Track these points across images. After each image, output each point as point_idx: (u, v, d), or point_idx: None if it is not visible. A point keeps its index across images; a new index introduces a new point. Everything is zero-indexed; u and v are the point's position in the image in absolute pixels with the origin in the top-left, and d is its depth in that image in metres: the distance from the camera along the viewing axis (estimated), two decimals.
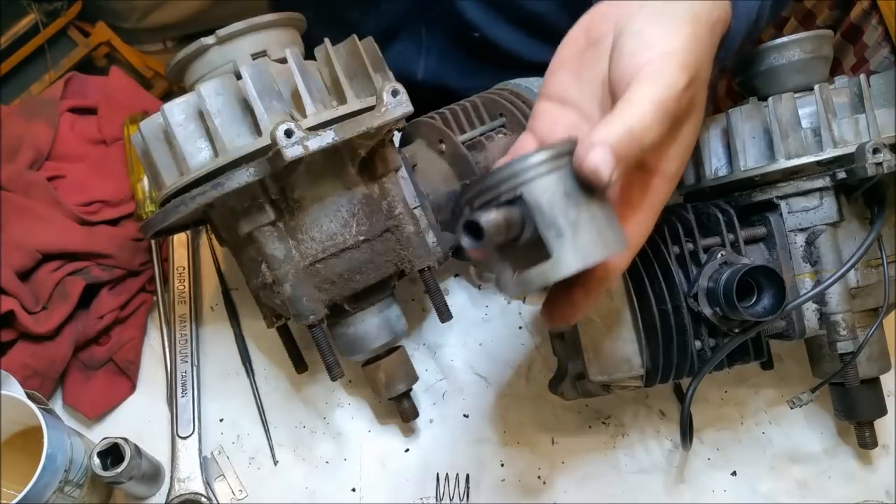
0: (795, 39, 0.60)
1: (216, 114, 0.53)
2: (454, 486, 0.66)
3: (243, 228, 0.55)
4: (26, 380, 0.63)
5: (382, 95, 0.54)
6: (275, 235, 0.55)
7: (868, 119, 0.56)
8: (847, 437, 0.69)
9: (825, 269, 0.58)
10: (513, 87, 0.69)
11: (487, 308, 0.74)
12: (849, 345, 0.58)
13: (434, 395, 0.70)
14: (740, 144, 0.59)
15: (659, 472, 0.68)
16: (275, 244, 0.55)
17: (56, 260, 0.68)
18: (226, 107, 0.54)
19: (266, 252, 0.55)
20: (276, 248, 0.55)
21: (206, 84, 0.53)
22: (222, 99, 0.54)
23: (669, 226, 0.59)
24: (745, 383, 0.71)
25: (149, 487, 0.64)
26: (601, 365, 0.56)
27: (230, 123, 0.53)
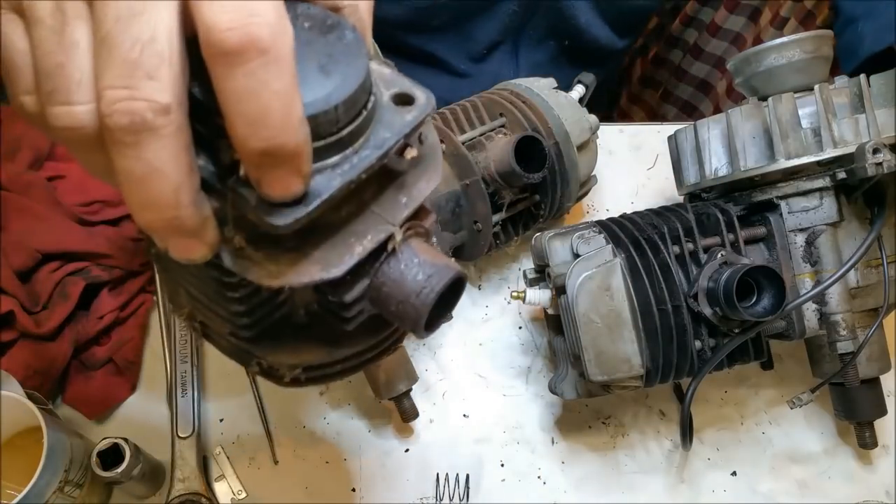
0: (795, 39, 0.60)
1: None
2: (454, 486, 0.66)
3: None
4: (26, 380, 0.63)
5: None
6: None
7: (868, 119, 0.56)
8: (847, 437, 0.69)
9: (825, 269, 0.58)
10: (513, 87, 0.69)
11: (487, 308, 0.74)
12: (849, 345, 0.58)
13: (434, 395, 0.70)
14: (740, 144, 0.59)
15: (659, 472, 0.68)
16: None
17: (56, 260, 0.68)
18: None
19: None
20: None
21: None
22: None
23: (669, 226, 0.59)
24: (745, 383, 0.71)
25: (149, 487, 0.64)
26: (601, 365, 0.56)
27: None
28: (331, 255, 0.26)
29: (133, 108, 0.22)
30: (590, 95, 0.73)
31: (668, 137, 0.67)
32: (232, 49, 0.22)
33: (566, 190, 0.67)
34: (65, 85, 0.23)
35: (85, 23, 0.23)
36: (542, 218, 0.69)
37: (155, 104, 0.22)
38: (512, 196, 0.64)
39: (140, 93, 0.22)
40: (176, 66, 0.22)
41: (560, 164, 0.65)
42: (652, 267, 0.58)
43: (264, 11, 0.22)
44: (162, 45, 0.22)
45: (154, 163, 0.22)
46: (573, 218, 0.78)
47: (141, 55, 0.22)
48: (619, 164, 0.82)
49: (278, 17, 0.22)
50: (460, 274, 0.29)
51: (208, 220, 0.25)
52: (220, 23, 0.21)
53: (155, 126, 0.22)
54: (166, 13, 0.22)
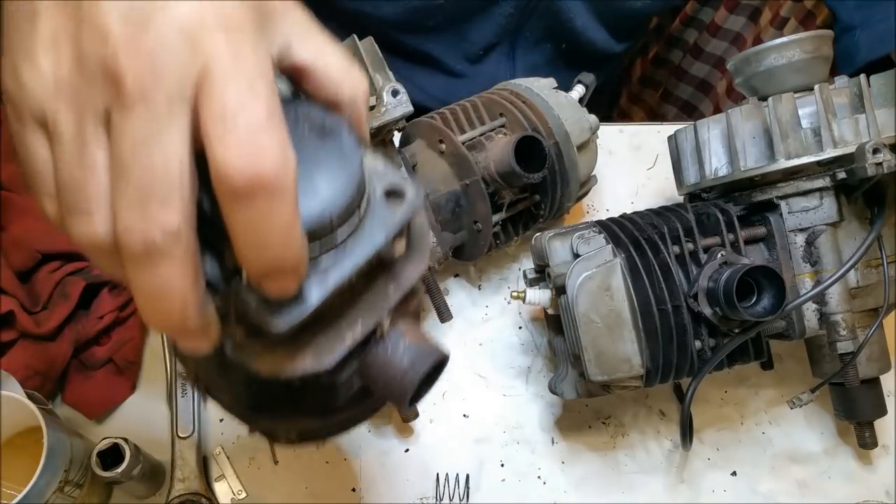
0: (795, 39, 0.60)
1: None
2: (454, 486, 0.66)
3: None
4: (26, 380, 0.63)
5: (382, 95, 0.54)
6: None
7: (868, 119, 0.56)
8: (847, 437, 0.69)
9: (825, 269, 0.58)
10: (513, 87, 0.69)
11: (487, 308, 0.74)
12: (849, 345, 0.58)
13: (434, 395, 0.70)
14: (740, 144, 0.59)
15: (659, 472, 0.68)
16: None
17: (56, 260, 0.68)
18: None
19: None
20: None
21: None
22: None
23: (669, 226, 0.59)
24: (745, 383, 0.71)
25: (149, 487, 0.64)
26: (601, 365, 0.56)
27: None
28: (323, 346, 0.28)
29: (146, 233, 0.24)
30: (590, 96, 0.73)
31: (668, 137, 0.67)
32: (241, 189, 0.23)
33: (566, 190, 0.67)
34: (83, 201, 0.25)
35: (103, 144, 0.25)
36: (542, 218, 0.69)
37: (166, 229, 0.24)
38: (512, 196, 0.64)
39: (153, 219, 0.24)
40: (186, 189, 0.24)
41: (560, 164, 0.65)
42: (652, 267, 0.58)
43: (270, 150, 0.24)
44: (173, 173, 0.24)
45: (164, 279, 0.24)
46: (573, 218, 0.78)
47: (154, 185, 0.24)
48: (619, 164, 0.82)
49: (283, 156, 0.24)
50: (443, 356, 0.32)
51: (211, 322, 0.27)
52: (231, 164, 0.23)
53: (165, 249, 0.24)
54: (178, 140, 0.24)
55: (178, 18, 0.24)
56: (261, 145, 0.24)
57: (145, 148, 0.24)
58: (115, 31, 0.24)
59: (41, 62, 0.25)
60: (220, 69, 0.24)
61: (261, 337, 0.28)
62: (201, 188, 0.25)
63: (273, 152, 0.24)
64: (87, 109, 0.25)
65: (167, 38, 0.24)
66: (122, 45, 0.24)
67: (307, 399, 0.33)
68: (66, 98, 0.25)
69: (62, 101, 0.25)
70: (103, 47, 0.24)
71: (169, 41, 0.24)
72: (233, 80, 0.24)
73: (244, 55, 0.25)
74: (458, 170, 0.64)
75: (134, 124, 0.24)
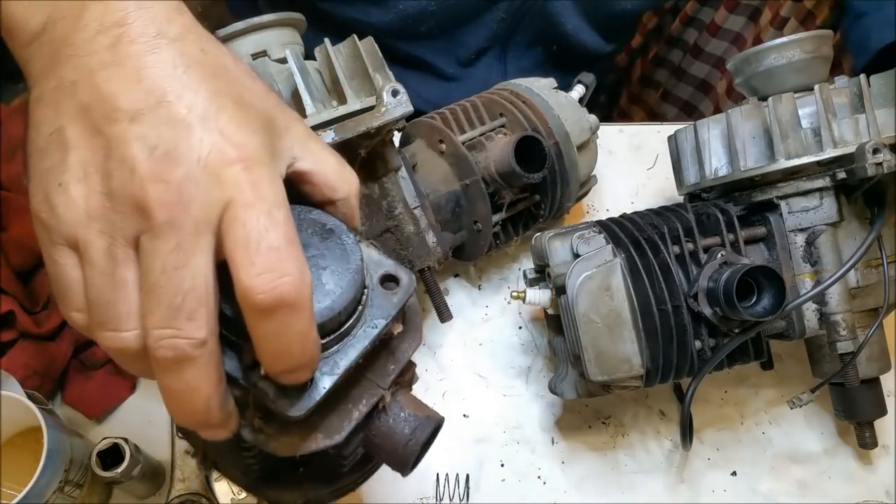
0: (795, 39, 0.60)
1: None
2: (454, 486, 0.66)
3: None
4: (26, 380, 0.63)
5: (382, 95, 0.54)
6: None
7: (868, 119, 0.56)
8: (847, 437, 0.69)
9: (825, 269, 0.58)
10: (513, 87, 0.69)
11: (487, 308, 0.74)
12: (849, 345, 0.58)
13: (434, 395, 0.70)
14: (740, 144, 0.59)
15: (659, 472, 0.68)
16: None
17: None
18: None
19: None
20: None
21: None
22: None
23: (669, 226, 0.59)
24: (745, 383, 0.71)
25: (149, 487, 0.64)
26: (601, 365, 0.56)
27: None
28: (332, 424, 0.31)
29: (176, 344, 0.27)
30: (590, 96, 0.73)
31: (668, 137, 0.67)
32: (266, 308, 0.26)
33: (566, 190, 0.67)
34: (115, 317, 0.28)
35: (133, 265, 0.28)
36: (542, 218, 0.69)
37: (194, 341, 0.27)
38: (512, 196, 0.64)
39: (182, 332, 0.27)
40: (211, 304, 0.27)
41: (560, 164, 0.65)
42: (652, 267, 0.58)
43: (290, 272, 0.27)
44: (200, 290, 0.27)
45: (190, 383, 0.27)
46: (573, 218, 0.78)
47: (183, 302, 0.26)
48: (619, 164, 0.82)
49: (301, 274, 0.27)
50: (439, 422, 0.35)
51: (232, 414, 0.30)
52: (255, 287, 0.26)
53: (193, 356, 0.27)
54: (203, 262, 0.27)
55: (202, 152, 0.27)
56: (282, 268, 0.26)
57: (175, 270, 0.26)
58: (143, 165, 0.27)
59: (73, 191, 0.28)
60: (242, 199, 0.27)
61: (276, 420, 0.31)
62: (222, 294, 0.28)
63: (293, 274, 0.27)
64: (117, 235, 0.27)
65: (193, 171, 0.27)
66: (150, 179, 0.26)
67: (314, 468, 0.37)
68: (97, 225, 0.27)
69: (93, 227, 0.27)
70: (132, 180, 0.27)
71: (194, 174, 0.27)
72: (254, 209, 0.27)
73: (263, 185, 0.28)
74: (458, 170, 0.64)
75: (164, 249, 0.26)
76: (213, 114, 0.28)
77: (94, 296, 0.28)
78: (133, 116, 0.27)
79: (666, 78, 1.31)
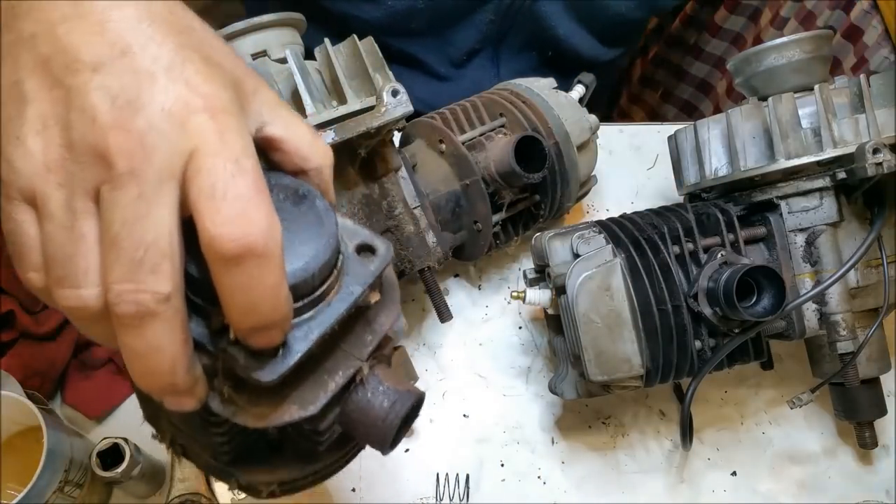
0: (795, 39, 0.60)
1: None
2: (454, 486, 0.66)
3: None
4: (26, 380, 0.63)
5: (382, 95, 0.54)
6: None
7: (868, 119, 0.56)
8: (847, 437, 0.69)
9: (825, 269, 0.58)
10: (513, 87, 0.69)
11: (487, 308, 0.74)
12: (849, 345, 0.58)
13: (434, 395, 0.70)
14: (740, 144, 0.59)
15: (659, 472, 0.68)
16: None
17: None
18: None
19: None
20: None
21: None
22: None
23: (669, 226, 0.59)
24: (745, 383, 0.71)
25: (149, 487, 0.64)
26: (601, 365, 0.56)
27: None
28: (307, 394, 0.30)
29: (138, 299, 0.25)
30: (590, 96, 0.73)
31: (668, 137, 0.67)
32: (232, 257, 0.25)
33: (566, 190, 0.67)
34: (73, 273, 0.26)
35: (93, 217, 0.26)
36: (542, 218, 0.69)
37: (157, 294, 0.25)
38: (512, 196, 0.64)
39: (144, 286, 0.25)
40: (175, 258, 0.26)
41: (560, 164, 0.65)
42: (652, 267, 0.58)
43: (259, 220, 0.26)
44: (163, 244, 0.25)
45: (154, 341, 0.26)
46: (573, 218, 0.78)
47: (145, 254, 0.25)
48: (619, 164, 0.82)
49: (270, 223, 0.26)
50: (420, 397, 0.34)
51: (199, 380, 0.28)
52: (222, 235, 0.25)
53: (157, 312, 0.26)
54: (167, 213, 0.25)
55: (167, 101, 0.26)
56: (250, 216, 0.25)
57: (137, 222, 0.25)
58: (104, 114, 0.26)
59: (30, 144, 0.27)
60: (207, 148, 0.26)
61: (247, 390, 0.29)
62: (188, 254, 0.27)
63: (261, 221, 0.25)
64: (77, 187, 0.26)
65: (156, 120, 0.26)
66: (111, 127, 0.25)
67: (289, 448, 0.35)
68: (55, 177, 0.26)
69: (52, 180, 0.26)
70: (92, 129, 0.26)
71: (158, 123, 0.26)
72: (220, 157, 0.26)
73: (229, 134, 0.26)
74: (458, 170, 0.64)
75: (125, 200, 0.25)
76: (179, 65, 0.27)
77: (51, 251, 0.27)
78: (95, 67, 0.26)
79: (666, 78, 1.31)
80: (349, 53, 0.59)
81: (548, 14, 0.84)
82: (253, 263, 0.25)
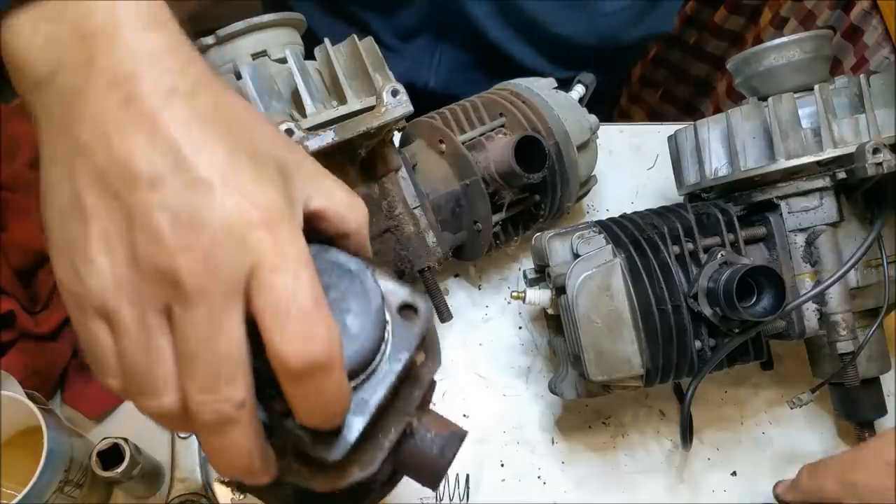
0: (795, 39, 0.60)
1: None
2: (454, 486, 0.66)
3: None
4: (26, 380, 0.63)
5: (382, 95, 0.54)
6: None
7: (868, 119, 0.56)
8: (847, 437, 0.69)
9: (825, 269, 0.58)
10: (513, 87, 0.69)
11: (487, 308, 0.74)
12: (849, 345, 0.58)
13: (434, 395, 0.70)
14: (740, 144, 0.59)
15: (659, 472, 0.68)
16: None
17: None
18: None
19: None
20: None
21: None
22: None
23: (669, 226, 0.59)
24: (745, 383, 0.71)
25: (149, 487, 0.64)
26: (601, 365, 0.56)
27: None
28: (365, 456, 0.32)
29: (218, 408, 0.27)
30: (589, 95, 0.73)
31: (668, 137, 0.67)
32: (299, 372, 0.27)
33: (566, 190, 0.67)
34: (153, 384, 0.28)
35: (166, 332, 0.28)
36: (542, 218, 0.69)
37: (235, 402, 0.27)
38: (512, 196, 0.64)
39: (222, 395, 0.27)
40: (246, 366, 0.28)
41: (560, 164, 0.65)
42: (652, 267, 0.58)
43: (320, 334, 0.27)
44: (235, 355, 0.27)
45: (234, 441, 0.28)
46: (573, 218, 0.78)
47: (221, 367, 0.27)
48: (619, 164, 0.82)
49: (330, 335, 0.27)
50: (463, 437, 0.36)
51: (271, 461, 0.31)
52: (289, 353, 0.26)
53: (236, 418, 0.28)
54: (236, 327, 0.27)
55: (226, 217, 0.27)
56: (312, 332, 0.27)
57: (210, 340, 0.27)
58: (168, 234, 0.26)
59: (98, 262, 0.28)
60: (268, 263, 0.27)
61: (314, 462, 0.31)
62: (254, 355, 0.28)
63: (322, 336, 0.27)
64: (147, 304, 0.27)
65: (218, 237, 0.27)
66: (176, 246, 0.26)
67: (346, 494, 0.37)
68: (126, 295, 0.27)
69: (123, 297, 0.27)
70: (158, 248, 0.27)
71: (220, 241, 0.27)
72: (280, 272, 0.27)
73: (286, 245, 0.28)
74: (458, 170, 0.64)
75: (196, 317, 0.27)
76: (233, 173, 0.28)
77: (129, 364, 0.28)
78: (152, 182, 0.27)
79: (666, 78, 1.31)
80: (349, 53, 0.59)
81: (476, 15, 0.82)
82: (318, 374, 0.27)
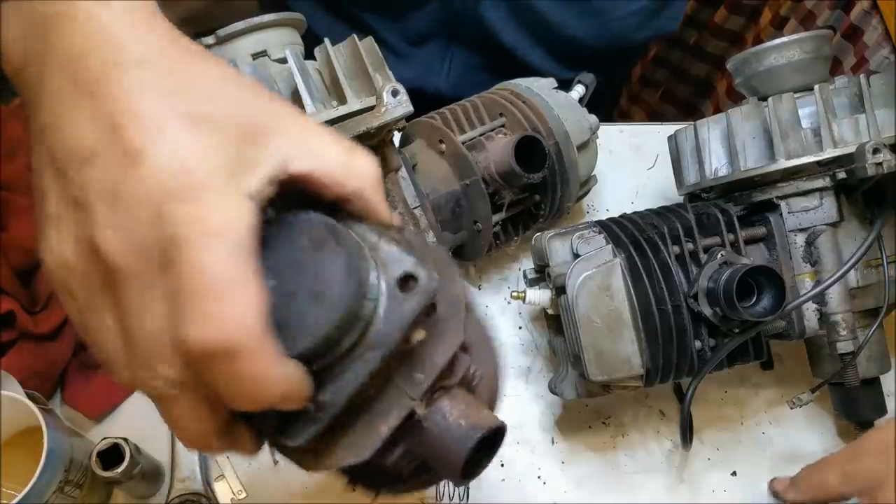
0: (795, 39, 0.60)
1: None
2: (454, 486, 0.66)
3: None
4: (26, 380, 0.63)
5: (382, 95, 0.54)
6: None
7: (868, 119, 0.56)
8: (847, 438, 0.69)
9: (825, 269, 0.58)
10: (513, 87, 0.69)
11: (487, 308, 0.74)
12: (849, 345, 0.58)
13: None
14: (740, 144, 0.59)
15: (659, 472, 0.68)
16: None
17: None
18: None
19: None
20: None
21: None
22: None
23: (669, 226, 0.59)
24: (745, 383, 0.71)
25: (149, 487, 0.64)
26: (601, 365, 0.56)
27: None
28: (359, 440, 0.29)
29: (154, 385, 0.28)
30: (589, 95, 0.73)
31: (668, 137, 0.67)
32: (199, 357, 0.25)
33: (566, 190, 0.67)
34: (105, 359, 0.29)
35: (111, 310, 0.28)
36: (542, 218, 0.69)
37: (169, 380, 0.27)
38: (512, 196, 0.64)
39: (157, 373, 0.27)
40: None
41: (560, 164, 0.65)
42: (652, 267, 0.58)
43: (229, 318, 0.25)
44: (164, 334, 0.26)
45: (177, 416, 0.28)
46: (573, 218, 0.78)
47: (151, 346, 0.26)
48: (619, 164, 0.82)
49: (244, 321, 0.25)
50: (494, 427, 0.31)
51: (240, 439, 0.30)
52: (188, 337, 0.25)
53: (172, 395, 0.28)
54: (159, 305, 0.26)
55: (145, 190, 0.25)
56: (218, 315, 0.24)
57: (138, 316, 0.26)
58: (97, 210, 0.26)
59: (52, 242, 0.28)
60: (182, 237, 0.25)
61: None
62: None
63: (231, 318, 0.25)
64: (91, 283, 0.27)
65: (136, 213, 0.25)
66: (102, 223, 0.26)
67: (370, 476, 0.34)
68: (74, 273, 0.27)
69: (72, 276, 0.28)
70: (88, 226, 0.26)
71: (138, 216, 0.25)
72: (192, 247, 0.25)
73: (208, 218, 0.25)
74: (458, 170, 0.64)
75: (125, 296, 0.26)
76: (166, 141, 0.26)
77: (87, 339, 0.29)
78: (87, 158, 0.26)
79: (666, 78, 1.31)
80: (349, 53, 0.59)
81: (491, 19, 0.82)
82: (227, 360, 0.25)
